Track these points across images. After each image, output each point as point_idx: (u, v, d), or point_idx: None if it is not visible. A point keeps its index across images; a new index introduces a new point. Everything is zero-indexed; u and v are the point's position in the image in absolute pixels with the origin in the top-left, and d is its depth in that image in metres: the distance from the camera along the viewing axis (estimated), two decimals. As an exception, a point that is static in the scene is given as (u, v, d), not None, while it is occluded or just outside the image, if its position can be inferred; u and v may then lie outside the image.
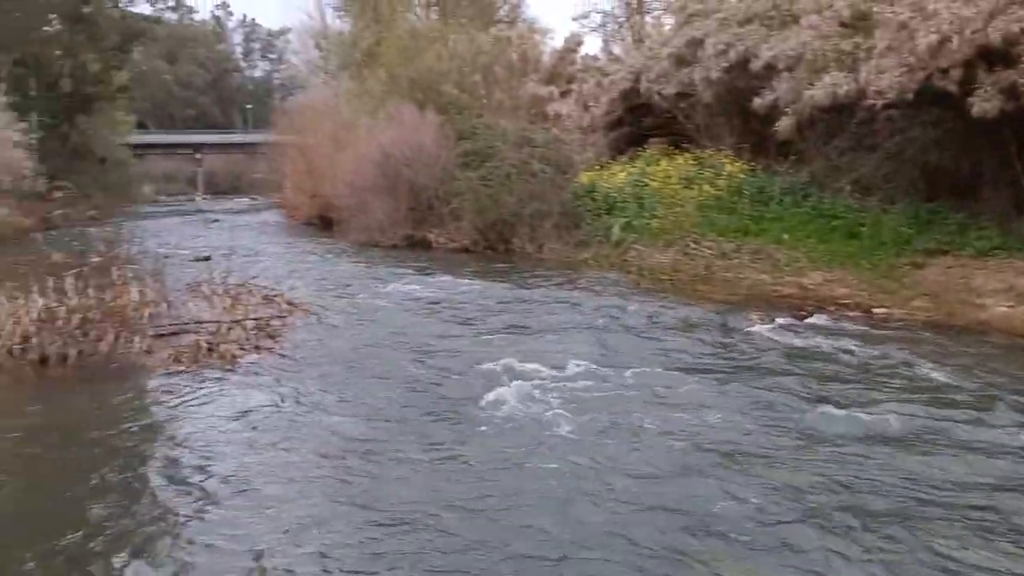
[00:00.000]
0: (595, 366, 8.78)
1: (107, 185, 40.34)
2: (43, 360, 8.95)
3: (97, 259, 11.76)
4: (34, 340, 9.04)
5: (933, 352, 9.34)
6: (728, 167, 17.67)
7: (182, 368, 9.03)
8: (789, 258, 14.16)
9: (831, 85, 13.41)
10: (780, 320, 10.97)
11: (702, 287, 13.76)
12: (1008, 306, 10.89)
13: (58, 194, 33.30)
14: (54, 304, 9.53)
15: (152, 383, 8.61)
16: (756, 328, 10.64)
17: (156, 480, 6.04)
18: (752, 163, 17.72)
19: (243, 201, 46.66)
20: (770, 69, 15.59)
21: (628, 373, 8.56)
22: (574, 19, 31.27)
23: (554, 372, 8.53)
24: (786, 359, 9.18)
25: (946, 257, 12.58)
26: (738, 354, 9.48)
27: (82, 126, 39.86)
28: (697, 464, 6.18)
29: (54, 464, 6.39)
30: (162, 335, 10.10)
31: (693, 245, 16.00)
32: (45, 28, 37.70)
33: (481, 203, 19.68)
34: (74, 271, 10.51)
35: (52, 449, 6.74)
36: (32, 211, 26.78)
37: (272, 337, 10.41)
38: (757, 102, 15.78)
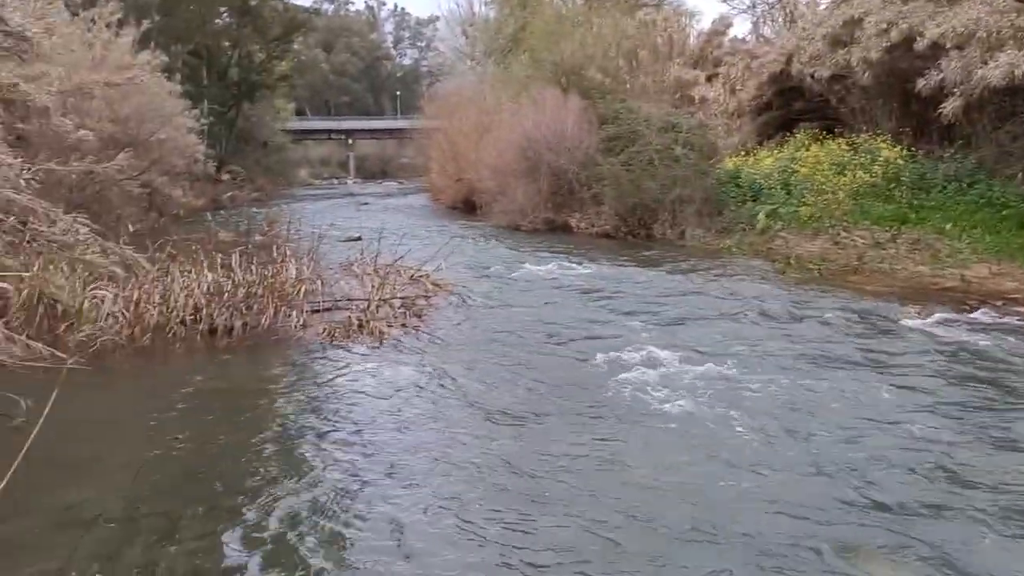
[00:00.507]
0: (738, 357, 8.54)
1: (268, 168, 42.81)
2: (212, 330, 9.63)
3: (259, 238, 12.50)
4: (204, 312, 9.73)
5: None
6: (885, 152, 16.70)
7: (334, 342, 9.52)
8: (951, 249, 13.26)
9: (1008, 64, 12.39)
10: (939, 314, 10.27)
11: (853, 278, 13.11)
12: None
13: (226, 177, 35.67)
14: (222, 279, 10.23)
15: (308, 355, 9.11)
16: (912, 322, 10.02)
17: (308, 448, 6.39)
18: (912, 148, 16.68)
19: (391, 185, 48.33)
20: (937, 48, 14.56)
21: (772, 366, 8.29)
22: (722, 0, 30.16)
23: (695, 361, 8.36)
24: (945, 356, 8.59)
25: None
26: (891, 349, 8.94)
27: (247, 113, 42.46)
28: (835, 464, 5.92)
29: (220, 425, 6.86)
30: (316, 311, 10.66)
31: (844, 234, 15.27)
32: (216, 21, 40.32)
33: (623, 188, 19.51)
34: (239, 248, 11.22)
35: (219, 411, 7.26)
36: (203, 192, 28.81)
37: (418, 316, 10.77)
38: (921, 83, 14.78)
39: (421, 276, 12.80)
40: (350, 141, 62.79)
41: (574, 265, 15.07)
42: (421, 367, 8.52)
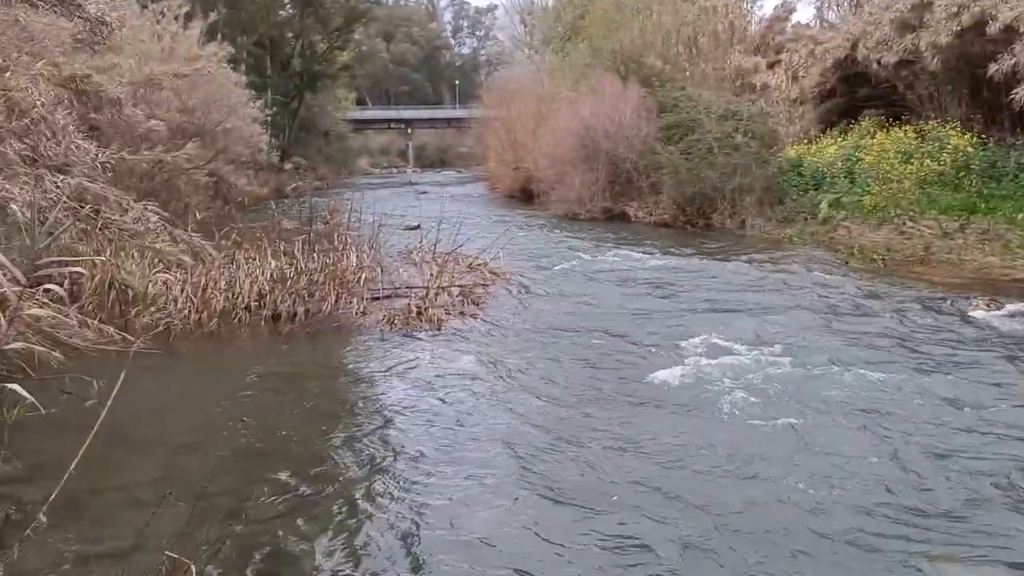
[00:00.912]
0: (799, 349, 8.37)
1: (329, 158, 43.43)
2: (275, 316, 9.84)
3: (321, 226, 12.69)
4: (268, 298, 9.95)
5: None
6: (954, 140, 16.13)
7: (394, 329, 9.64)
8: (1023, 240, 12.78)
9: (1085, 48, 11.85)
10: (1010, 306, 9.94)
11: (919, 268, 12.75)
12: None
13: (288, 166, 36.31)
14: (285, 266, 10.44)
15: (368, 342, 9.25)
16: (981, 314, 9.70)
17: (370, 432, 6.49)
18: (982, 136, 16.08)
19: (449, 173, 48.60)
20: (1010, 32, 14.00)
21: (835, 358, 8.10)
22: (786, -15, 29.43)
23: (755, 353, 8.24)
24: (1016, 348, 8.32)
25: None
26: (960, 341, 8.68)
27: (309, 103, 43.11)
28: (904, 459, 5.77)
29: (285, 408, 7.02)
30: (376, 298, 10.80)
31: (910, 223, 14.83)
32: (280, 12, 41.00)
33: (681, 177, 19.28)
34: (302, 236, 11.43)
35: (284, 395, 7.42)
36: (267, 181, 29.41)
37: (476, 304, 10.84)
38: (992, 68, 14.24)
39: (479, 264, 12.86)
40: (409, 130, 63.29)
41: (632, 254, 14.97)
42: (479, 355, 8.58)
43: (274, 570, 4.45)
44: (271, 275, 10.22)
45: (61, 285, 7.17)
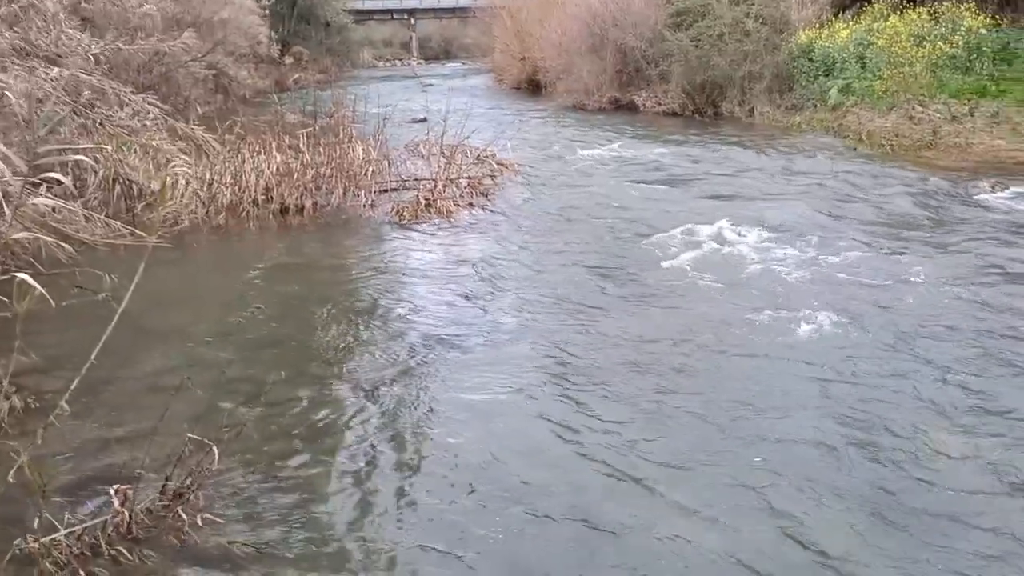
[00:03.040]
0: (809, 234, 8.30)
1: (331, 50, 42.07)
2: (283, 209, 9.74)
3: (326, 119, 12.40)
4: (274, 191, 9.82)
5: None
6: (968, 21, 15.46)
7: (403, 221, 9.54)
8: (1034, 122, 12.46)
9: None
10: (1015, 188, 9.80)
11: (927, 153, 12.48)
12: None
13: (289, 59, 35.28)
14: (291, 160, 10.26)
15: (377, 233, 9.18)
16: (986, 196, 9.59)
17: (381, 319, 6.51)
18: (996, 17, 15.41)
19: (454, 65, 47.27)
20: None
21: (842, 242, 8.03)
22: None
23: (765, 239, 8.18)
24: (1010, 226, 8.36)
25: None
26: (965, 223, 8.60)
27: (308, -7, 41.43)
28: (909, 339, 5.77)
29: (297, 297, 7.03)
30: (384, 190, 10.67)
31: (919, 108, 14.39)
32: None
33: (691, 65, 18.67)
34: (306, 130, 11.19)
35: (296, 284, 7.41)
36: (268, 74, 28.61)
37: (484, 195, 10.71)
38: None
39: (487, 156, 12.63)
40: (412, 21, 61.16)
41: (640, 144, 14.67)
42: (489, 244, 8.52)
43: (295, 449, 4.52)
44: (277, 169, 10.05)
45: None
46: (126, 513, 3.67)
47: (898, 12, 17.08)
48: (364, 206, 9.96)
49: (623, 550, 3.64)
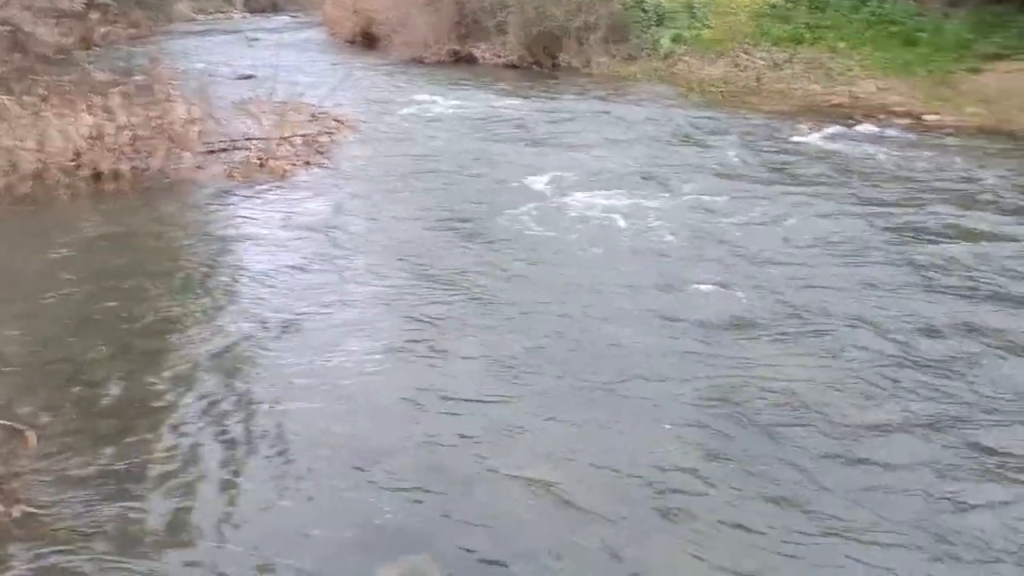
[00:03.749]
0: (642, 178, 8.73)
1: (142, 3, 39.27)
2: (96, 176, 9.07)
3: (141, 78, 11.62)
4: (86, 156, 9.13)
5: (980, 156, 9.40)
6: (787, -29, 16.45)
7: (234, 182, 9.17)
8: (843, 67, 13.55)
9: None
10: (830, 129, 10.75)
11: (753, 99, 13.28)
12: None
13: (95, 13, 32.63)
14: (103, 121, 9.57)
15: (206, 196, 8.78)
16: (805, 138, 10.42)
17: (211, 288, 6.29)
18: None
19: (283, 19, 45.23)
20: None
21: (674, 184, 8.51)
22: None
23: (601, 185, 8.49)
24: (830, 165, 9.17)
25: (1005, 62, 12.02)
26: (784, 163, 9.39)
27: (115, -60, 38.39)
28: (728, 269, 6.25)
29: (116, 270, 6.63)
30: (212, 151, 10.17)
31: (744, 56, 15.27)
32: None
33: (527, 16, 18.79)
34: (119, 88, 10.45)
35: (113, 255, 6.99)
36: (71, 30, 26.33)
37: (321, 153, 10.43)
38: None
39: (322, 113, 12.27)
40: (235, -28, 57.95)
41: (480, 97, 14.70)
42: (328, 205, 8.36)
43: (121, 428, 4.32)
44: (88, 132, 9.34)
45: None
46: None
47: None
48: (190, 168, 9.48)
49: (477, 501, 3.76)
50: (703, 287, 5.98)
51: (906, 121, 11.28)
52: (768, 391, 4.56)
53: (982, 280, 6.00)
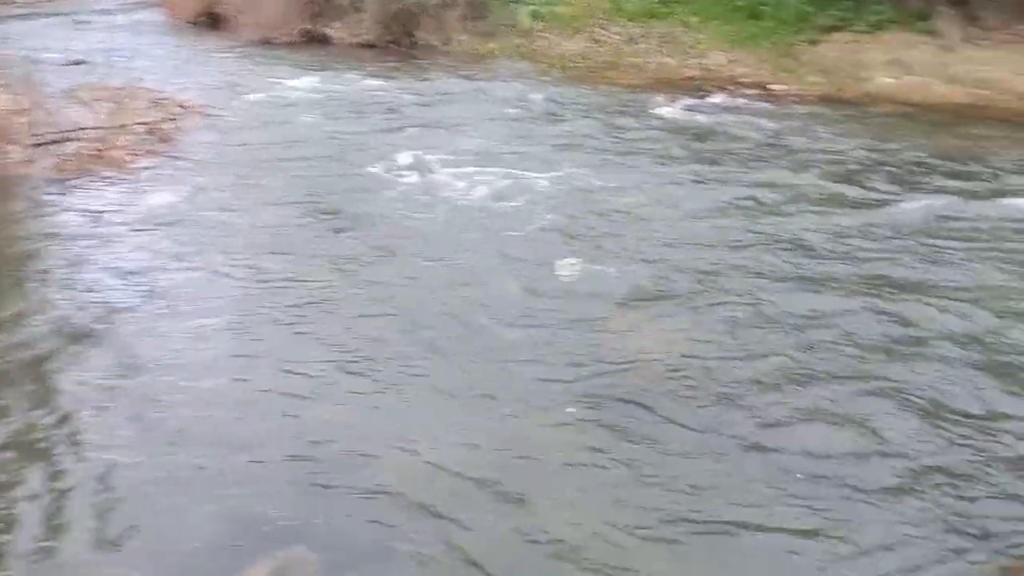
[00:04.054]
0: (505, 156, 8.84)
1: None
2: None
3: (-48, 67, 10.75)
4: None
5: (821, 123, 10.18)
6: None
7: (68, 176, 8.61)
8: (694, 41, 14.15)
9: None
10: (685, 101, 11.22)
11: (611, 73, 13.64)
12: (893, 78, 11.61)
13: None
14: (-87, 114, 8.80)
15: (36, 192, 8.23)
16: (661, 110, 10.83)
17: (45, 284, 5.94)
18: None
19: None
20: None
21: (539, 160, 8.68)
22: None
23: (464, 164, 8.52)
24: (685, 135, 9.70)
25: (841, 33, 12.88)
26: (644, 136, 9.74)
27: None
28: (595, 241, 6.49)
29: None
30: (42, 144, 9.51)
31: (601, 31, 15.66)
32: None
33: (382, -7, 18.54)
34: (-73, 77, 9.64)
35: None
36: None
37: (165, 141, 9.94)
38: None
39: (164, 99, 11.69)
40: (59, -49, 54.18)
41: (337, 78, 14.37)
42: (175, 195, 8.00)
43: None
44: None
45: None
46: None
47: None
48: (17, 163, 8.84)
49: (352, 489, 3.73)
50: (571, 260, 6.15)
51: (754, 91, 11.94)
52: (638, 360, 4.74)
53: (823, 235, 6.54)
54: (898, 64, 11.86)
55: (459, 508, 3.58)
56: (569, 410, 4.28)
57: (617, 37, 15.28)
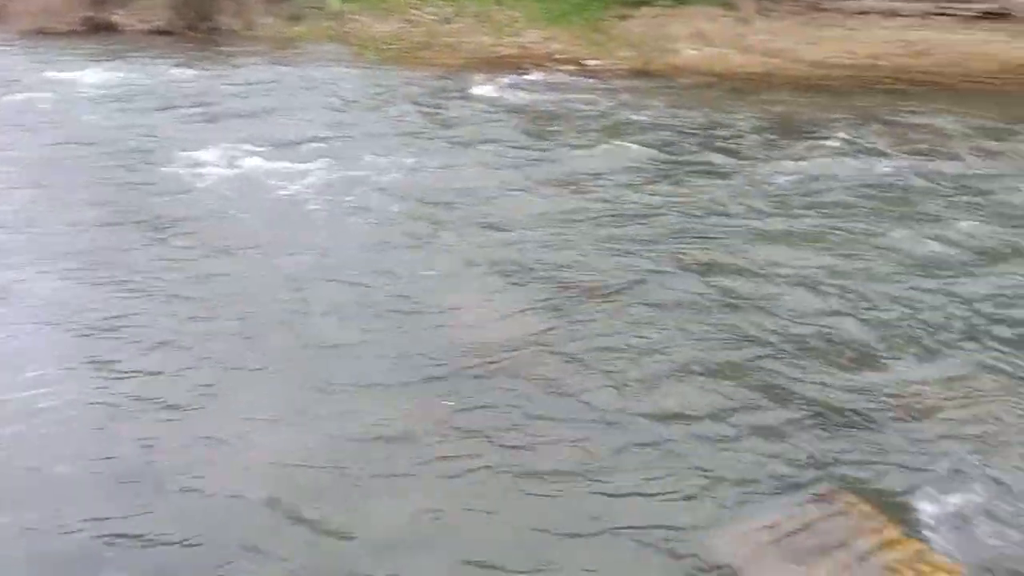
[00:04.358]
0: (321, 144, 8.65)
1: None
2: None
3: None
4: None
5: (633, 95, 10.75)
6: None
7: None
8: (508, 19, 14.39)
9: None
10: (503, 79, 11.46)
11: (425, 54, 13.66)
12: (696, 50, 12.40)
13: None
14: None
15: None
16: (481, 89, 11.00)
17: None
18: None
19: None
20: None
21: (357, 148, 8.55)
22: None
23: (276, 156, 8.27)
24: (505, 111, 9.94)
25: (649, 7, 13.60)
26: (463, 116, 9.90)
27: None
28: (419, 222, 6.57)
29: None
30: None
31: (415, 12, 15.60)
32: None
33: (171, -26, 17.56)
34: None
35: None
36: None
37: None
38: None
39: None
40: None
41: (128, 69, 13.49)
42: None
43: None
44: None
45: None
46: None
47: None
48: None
49: (171, 507, 3.56)
50: (403, 247, 6.14)
51: (570, 67, 12.37)
52: (476, 343, 4.80)
53: (645, 204, 6.91)
54: (700, 37, 12.65)
55: (304, 506, 3.48)
56: (413, 397, 4.26)
57: (431, 17, 15.28)
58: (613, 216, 6.63)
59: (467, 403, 4.20)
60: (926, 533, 3.07)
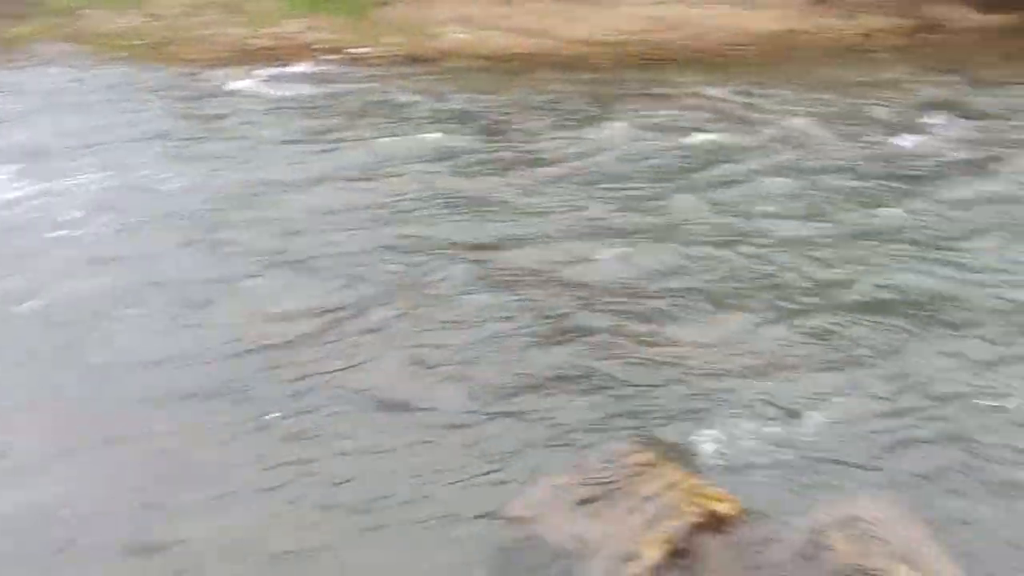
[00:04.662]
0: (59, 154, 7.91)
1: None
2: None
3: None
4: None
5: (401, 81, 10.70)
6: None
7: None
8: (264, 9, 13.95)
9: None
10: (263, 72, 11.01)
11: (173, 48, 12.82)
12: (462, 33, 12.61)
13: None
14: None
15: None
16: (239, 84, 10.54)
17: None
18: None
19: None
20: None
21: (101, 155, 7.89)
22: None
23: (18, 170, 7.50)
24: (269, 105, 9.61)
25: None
26: (222, 111, 9.43)
27: None
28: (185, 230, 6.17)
29: None
30: None
31: (155, 4, 14.74)
32: None
33: None
34: None
35: None
36: None
37: None
38: None
39: None
40: None
41: None
42: None
43: None
44: None
45: None
46: None
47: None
48: None
49: None
50: (160, 252, 5.78)
51: (336, 56, 12.05)
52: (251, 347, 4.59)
53: (425, 192, 6.89)
54: (465, 19, 12.85)
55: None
56: (187, 407, 4.01)
57: (175, 10, 14.47)
58: (392, 211, 6.53)
59: (250, 405, 4.03)
60: (704, 471, 3.35)
